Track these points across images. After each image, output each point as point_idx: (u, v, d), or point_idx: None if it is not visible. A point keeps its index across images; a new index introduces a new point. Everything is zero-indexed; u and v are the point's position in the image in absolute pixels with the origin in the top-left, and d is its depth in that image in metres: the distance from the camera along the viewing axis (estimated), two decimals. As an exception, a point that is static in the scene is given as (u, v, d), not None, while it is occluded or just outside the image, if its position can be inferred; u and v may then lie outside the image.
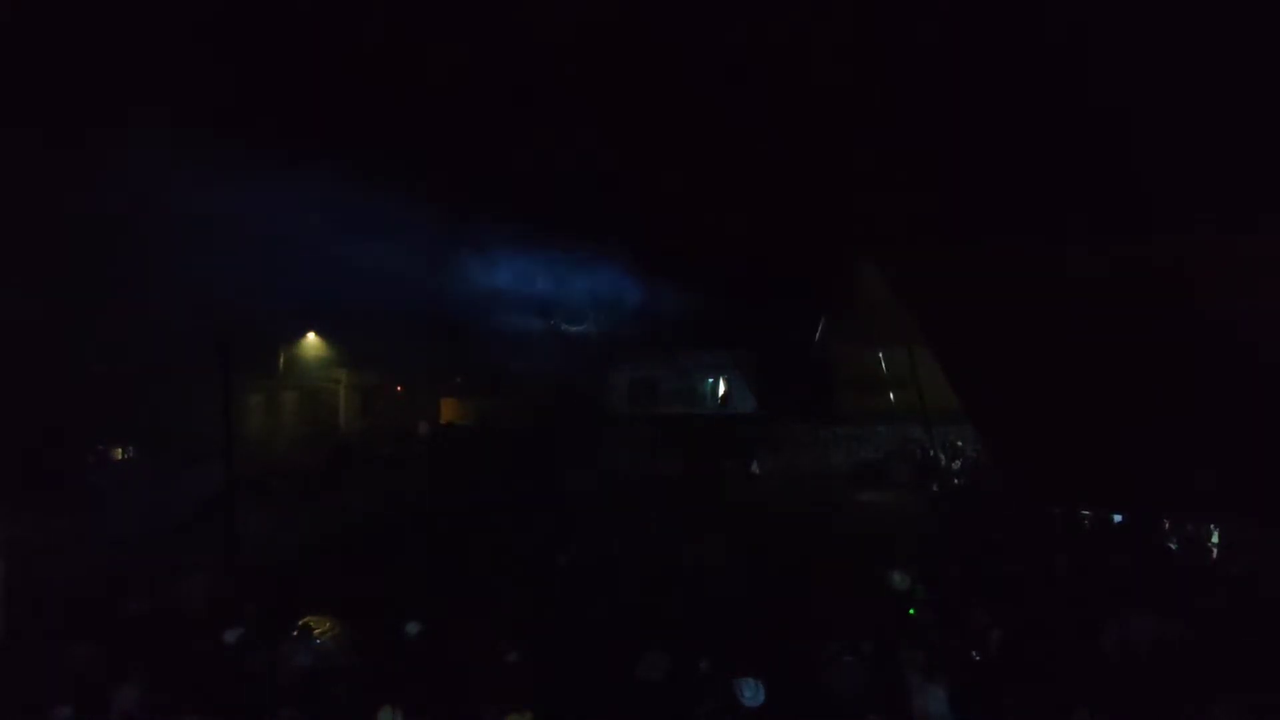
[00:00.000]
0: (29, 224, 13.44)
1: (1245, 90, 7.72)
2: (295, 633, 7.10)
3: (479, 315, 30.17)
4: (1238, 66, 7.56)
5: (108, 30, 10.97)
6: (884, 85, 10.15)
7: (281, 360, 25.90)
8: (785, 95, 11.24)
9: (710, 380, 30.42)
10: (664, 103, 12.53)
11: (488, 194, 21.01)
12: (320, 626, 8.63)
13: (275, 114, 14.19)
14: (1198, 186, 8.76)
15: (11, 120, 11.85)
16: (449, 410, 31.83)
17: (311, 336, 27.48)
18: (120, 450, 18.92)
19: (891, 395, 22.73)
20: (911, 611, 7.47)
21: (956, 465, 18.11)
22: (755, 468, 19.68)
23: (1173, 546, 9.67)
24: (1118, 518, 10.51)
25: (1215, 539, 9.42)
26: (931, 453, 19.41)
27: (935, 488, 16.31)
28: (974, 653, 6.38)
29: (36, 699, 5.84)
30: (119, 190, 14.34)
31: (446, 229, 25.64)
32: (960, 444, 18.60)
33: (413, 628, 6.51)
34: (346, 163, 17.30)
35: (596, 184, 18.62)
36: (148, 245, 15.98)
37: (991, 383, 13.32)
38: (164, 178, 14.60)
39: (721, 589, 9.16)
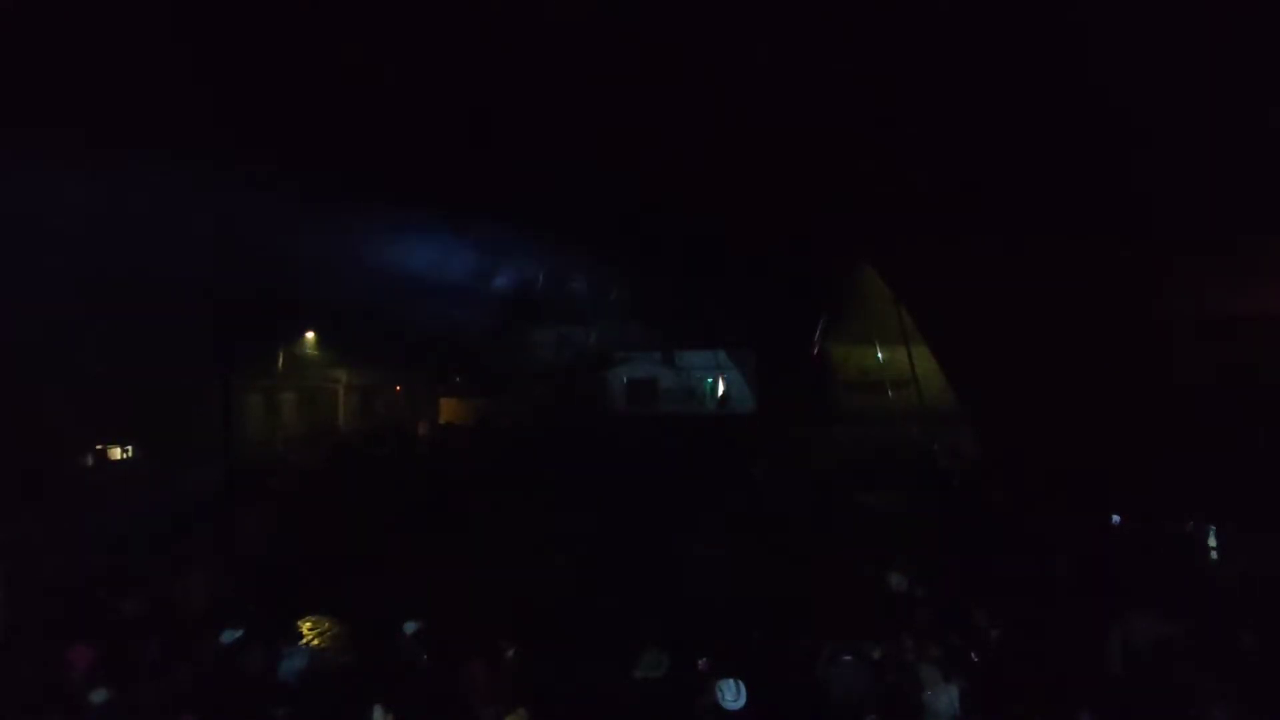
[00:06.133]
0: (28, 223, 13.44)
1: (1247, 89, 7.70)
2: (293, 632, 7.09)
3: (477, 315, 30.18)
4: (1238, 67, 7.54)
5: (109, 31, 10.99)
6: (884, 83, 10.12)
7: (281, 360, 25.90)
8: (784, 93, 11.21)
9: (710, 380, 30.44)
10: (663, 101, 12.50)
11: (485, 193, 20.98)
12: (318, 626, 8.65)
13: (267, 115, 14.19)
14: (1200, 188, 8.73)
15: (14, 117, 11.87)
16: (448, 410, 31.84)
17: (311, 336, 27.48)
18: (120, 450, 18.95)
19: (891, 395, 22.76)
20: (911, 611, 7.45)
21: (956, 465, 18.09)
22: (754, 468, 19.65)
23: (1172, 547, 9.65)
24: (1116, 518, 10.50)
25: (1214, 540, 9.40)
26: (931, 453, 19.40)
27: (934, 488, 16.29)
28: (974, 654, 6.36)
29: (36, 699, 5.84)
30: (119, 190, 14.36)
31: (442, 228, 25.65)
32: (960, 444, 18.58)
33: (410, 627, 6.49)
34: (345, 164, 17.32)
35: (595, 183, 18.59)
36: (147, 246, 15.98)
37: (991, 382, 13.33)
38: (159, 178, 14.60)
39: (720, 589, 9.16)
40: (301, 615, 8.79)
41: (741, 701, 4.91)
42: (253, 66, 12.45)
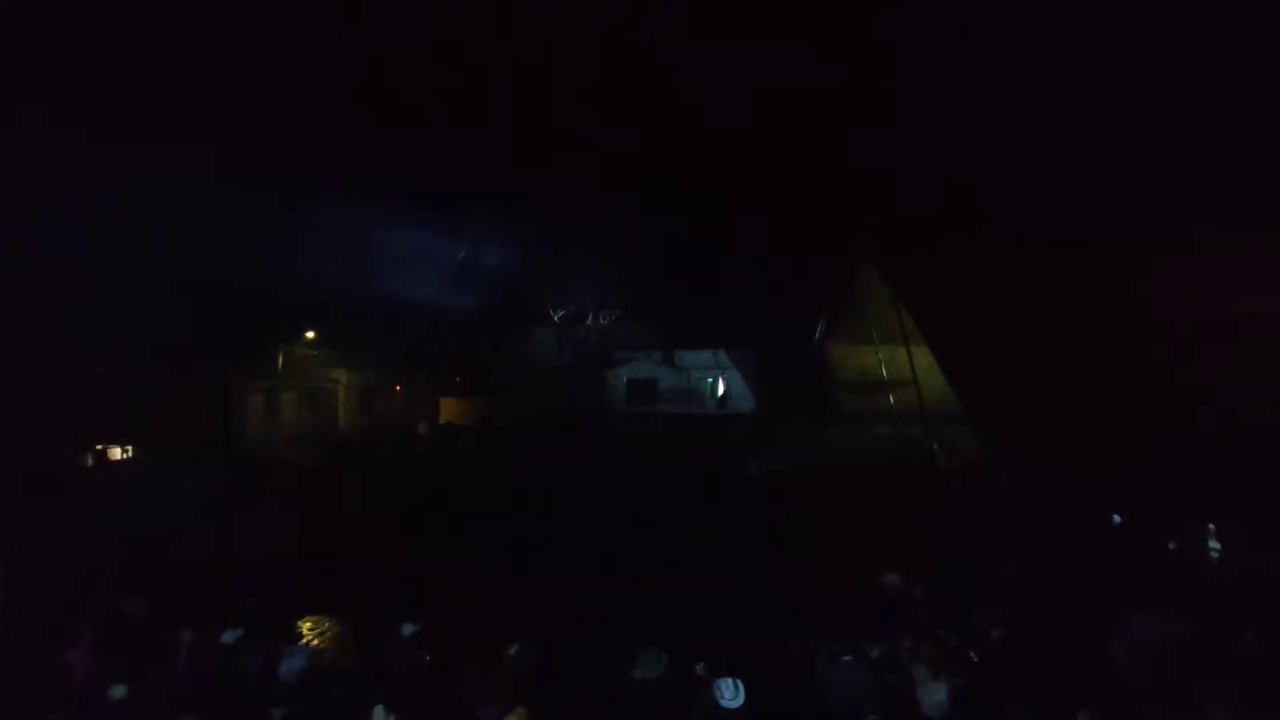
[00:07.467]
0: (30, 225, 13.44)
1: (1247, 90, 7.69)
2: (293, 632, 7.07)
3: (478, 316, 30.18)
4: (1239, 67, 7.53)
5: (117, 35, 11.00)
6: (884, 83, 10.12)
7: (281, 360, 25.87)
8: (785, 93, 11.21)
9: (710, 380, 30.44)
10: (663, 102, 12.50)
11: (486, 195, 20.98)
12: (318, 626, 8.64)
13: (270, 115, 14.18)
14: (1200, 188, 8.72)
15: (14, 119, 11.87)
16: (448, 410, 31.84)
17: (311, 336, 27.46)
18: (120, 450, 18.94)
19: (891, 395, 22.76)
20: (909, 611, 7.44)
21: (956, 465, 18.09)
22: (753, 468, 19.64)
23: (1172, 547, 9.64)
24: (1116, 518, 10.48)
25: (1214, 540, 9.39)
26: (931, 453, 19.40)
27: (934, 487, 16.28)
28: (973, 654, 6.35)
29: (36, 699, 5.83)
30: (119, 192, 14.36)
31: (444, 229, 25.64)
32: (960, 444, 18.59)
33: (409, 628, 6.48)
34: (347, 165, 17.33)
35: (596, 185, 18.59)
36: (148, 247, 15.99)
37: (991, 382, 13.32)
38: (160, 178, 14.60)
39: (719, 589, 9.15)
40: (301, 615, 8.79)
41: (739, 700, 4.87)
42: (257, 67, 12.45)
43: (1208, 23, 7.32)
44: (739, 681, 4.94)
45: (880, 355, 23.36)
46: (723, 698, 4.87)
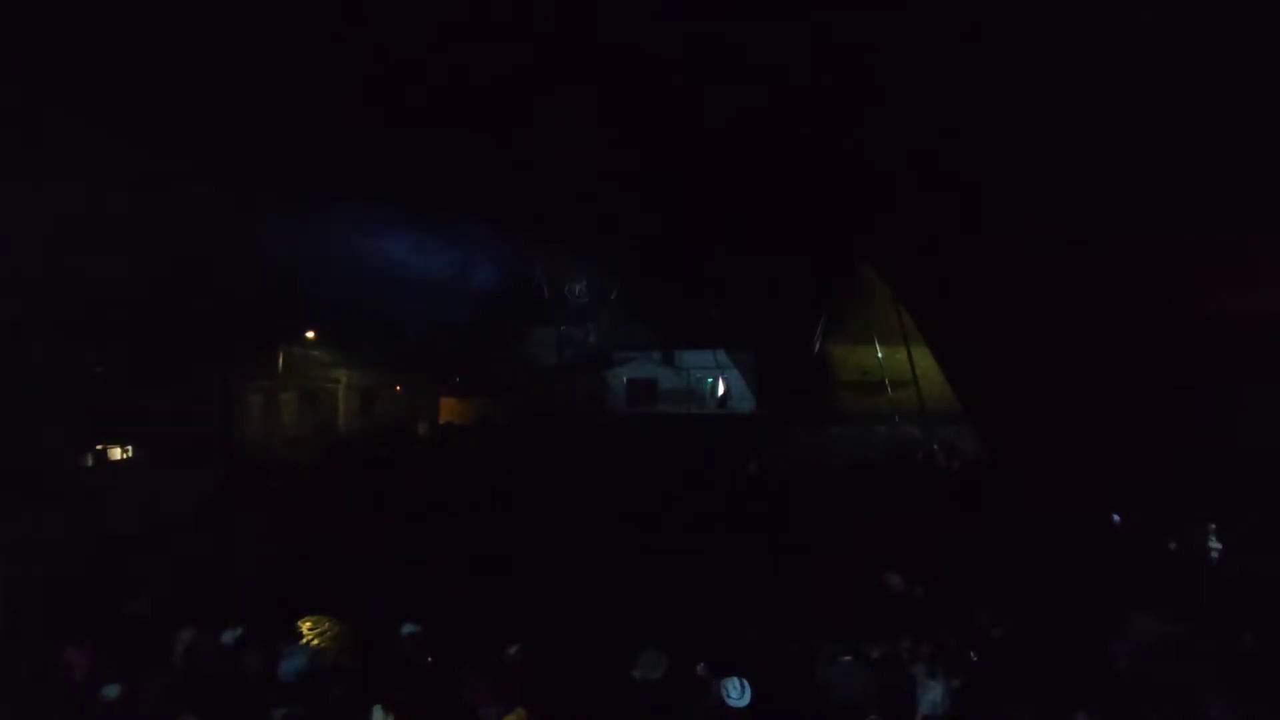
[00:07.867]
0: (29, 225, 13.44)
1: (1249, 92, 7.69)
2: (293, 632, 7.07)
3: (478, 316, 30.18)
4: (1241, 69, 7.53)
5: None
6: (885, 81, 10.12)
7: (281, 360, 25.85)
8: (785, 92, 11.22)
9: (710, 380, 30.44)
10: (663, 100, 12.51)
11: (485, 193, 20.98)
12: (318, 626, 8.65)
13: (271, 117, 14.19)
14: (1201, 187, 8.72)
15: (13, 118, 11.88)
16: (448, 410, 31.84)
17: (311, 336, 27.44)
18: (120, 450, 18.94)
19: (891, 395, 22.77)
20: (910, 611, 7.44)
21: (956, 465, 18.10)
22: (753, 468, 19.65)
23: (1172, 547, 9.64)
24: (1116, 518, 10.49)
25: (1215, 539, 9.39)
26: (931, 452, 19.41)
27: (934, 487, 16.28)
28: (973, 653, 6.35)
29: (36, 699, 5.83)
30: (115, 190, 14.36)
31: (445, 230, 25.64)
32: (960, 444, 18.59)
33: (409, 628, 6.48)
34: (347, 165, 17.34)
35: (597, 183, 18.60)
36: (148, 247, 15.98)
37: (991, 382, 13.33)
38: (161, 181, 14.60)
39: (719, 589, 9.15)
40: (301, 615, 8.79)
41: (746, 699, 4.87)
42: (258, 66, 12.46)
43: (1207, 22, 7.32)
44: (745, 681, 4.94)
45: (880, 355, 23.38)
46: (729, 697, 4.87)
